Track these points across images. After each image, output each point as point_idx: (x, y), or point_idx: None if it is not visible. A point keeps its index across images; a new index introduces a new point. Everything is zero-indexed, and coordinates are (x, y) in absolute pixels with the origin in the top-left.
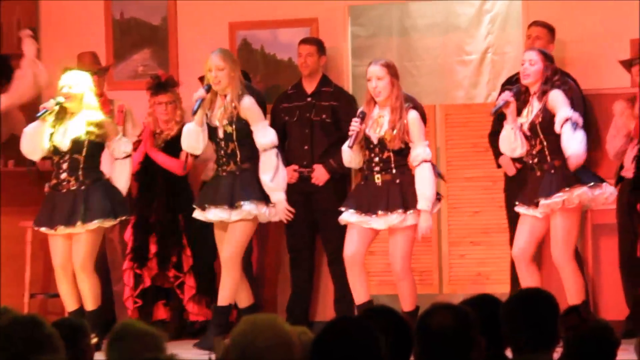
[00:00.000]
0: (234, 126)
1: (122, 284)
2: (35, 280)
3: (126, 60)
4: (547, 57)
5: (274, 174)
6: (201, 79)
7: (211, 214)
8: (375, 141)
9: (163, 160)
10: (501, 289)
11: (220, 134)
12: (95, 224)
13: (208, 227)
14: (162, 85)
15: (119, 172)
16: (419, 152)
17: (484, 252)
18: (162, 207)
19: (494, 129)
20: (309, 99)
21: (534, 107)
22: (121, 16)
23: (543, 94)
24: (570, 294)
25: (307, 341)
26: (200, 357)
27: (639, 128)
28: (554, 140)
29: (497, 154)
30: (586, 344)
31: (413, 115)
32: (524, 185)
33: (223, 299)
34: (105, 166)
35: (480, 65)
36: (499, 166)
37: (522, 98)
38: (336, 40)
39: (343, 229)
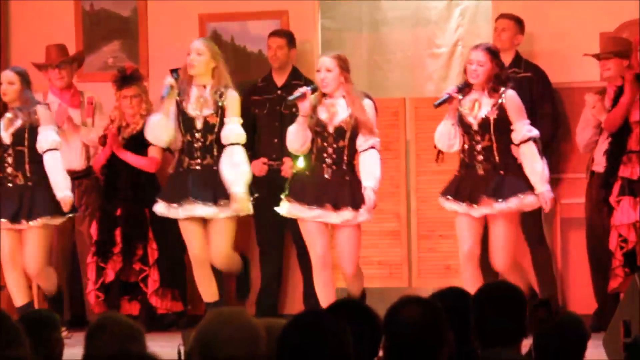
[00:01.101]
0: (218, 118)
1: (87, 277)
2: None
3: (96, 52)
4: (494, 54)
5: (237, 169)
6: (172, 71)
7: (199, 210)
8: (330, 129)
9: (132, 160)
10: None
11: (199, 125)
12: (40, 221)
13: (174, 220)
14: (128, 79)
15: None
16: (369, 138)
17: (453, 245)
18: (128, 200)
19: None
20: (279, 92)
21: (482, 102)
22: (91, 8)
23: (494, 90)
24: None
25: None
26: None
27: (609, 121)
28: (505, 140)
29: None
30: (556, 337)
31: (369, 103)
32: (457, 181)
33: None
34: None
35: (450, 58)
36: None
37: (466, 92)
38: (307, 33)
39: None
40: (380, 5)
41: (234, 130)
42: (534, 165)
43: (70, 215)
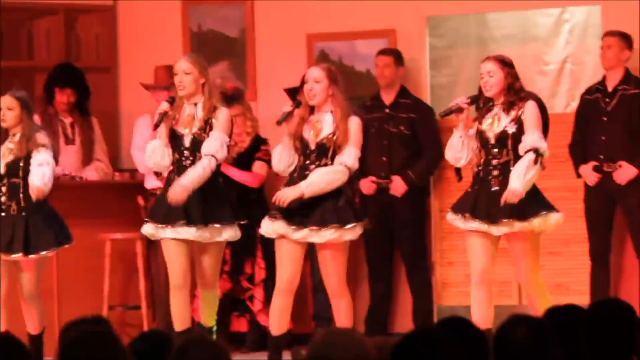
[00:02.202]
0: (207, 133)
1: (195, 295)
2: (114, 292)
3: None
4: (506, 64)
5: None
6: (288, 90)
7: (186, 233)
8: (312, 146)
9: (236, 175)
10: (581, 300)
11: (187, 142)
12: (37, 255)
13: None
14: (230, 99)
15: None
16: (349, 154)
17: (564, 262)
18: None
19: (575, 138)
20: (387, 111)
21: (500, 116)
22: (199, 28)
23: (512, 104)
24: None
25: (386, 352)
26: None
27: None
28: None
29: (578, 163)
30: None
31: (354, 121)
32: (471, 198)
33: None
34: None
35: (559, 75)
36: (578, 176)
37: (482, 105)
38: (414, 51)
39: (421, 240)
40: (488, 23)
41: (209, 142)
42: (522, 169)
43: (65, 246)
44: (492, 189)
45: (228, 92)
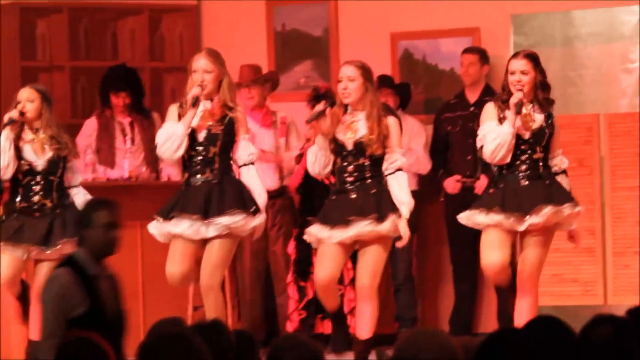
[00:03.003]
0: (223, 127)
1: (286, 296)
2: (199, 293)
3: (288, 71)
4: (537, 62)
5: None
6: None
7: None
8: (350, 147)
9: None
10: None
11: (201, 137)
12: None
13: None
14: (321, 98)
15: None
16: (396, 158)
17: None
18: None
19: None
20: (471, 109)
21: (533, 113)
22: (283, 28)
23: (545, 101)
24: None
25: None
26: None
27: None
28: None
29: None
30: None
31: (392, 121)
32: (499, 193)
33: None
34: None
35: None
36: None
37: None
38: (499, 49)
39: None
40: (573, 21)
41: (242, 151)
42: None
43: None
44: (522, 185)
45: (320, 91)
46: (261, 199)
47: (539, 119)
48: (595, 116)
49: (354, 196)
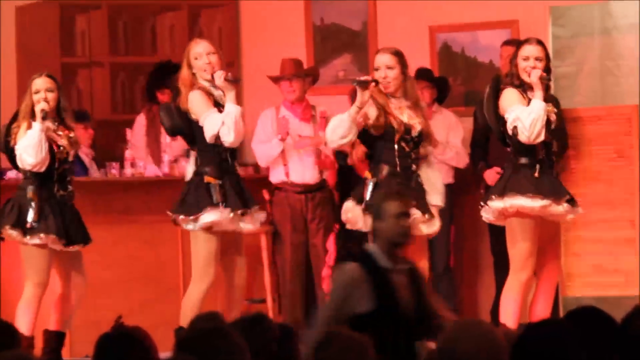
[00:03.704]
0: None
1: (322, 291)
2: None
3: (327, 65)
4: (546, 50)
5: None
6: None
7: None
8: (415, 132)
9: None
10: None
11: None
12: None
13: None
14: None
15: None
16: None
17: None
18: None
19: None
20: None
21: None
22: (321, 22)
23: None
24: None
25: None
26: None
27: None
28: None
29: None
30: None
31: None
32: (540, 179)
33: None
34: None
35: None
36: None
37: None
38: None
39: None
40: (612, 12)
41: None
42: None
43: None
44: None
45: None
46: None
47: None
48: (634, 107)
49: (413, 185)
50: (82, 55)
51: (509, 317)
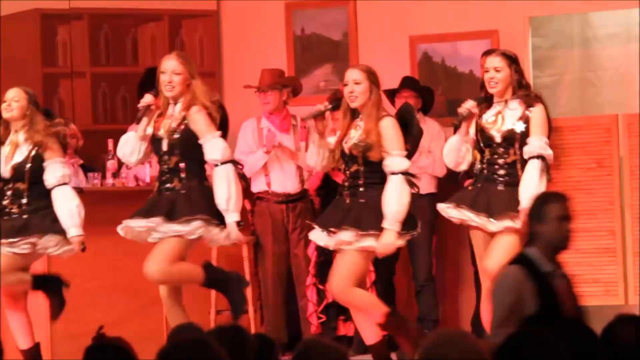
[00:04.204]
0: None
1: (306, 299)
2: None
3: (308, 75)
4: (513, 61)
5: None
6: (387, 92)
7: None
8: (346, 151)
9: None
10: None
11: (165, 146)
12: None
13: None
14: (340, 100)
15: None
16: (388, 163)
17: None
18: None
19: None
20: None
21: (505, 114)
22: (302, 32)
23: (520, 100)
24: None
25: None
26: None
27: None
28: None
29: None
30: None
31: (387, 122)
32: (472, 193)
33: None
34: None
35: None
36: None
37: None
38: (517, 51)
39: None
40: (591, 22)
41: (207, 153)
42: (529, 182)
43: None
44: (498, 188)
45: (339, 95)
46: None
47: (509, 120)
48: (614, 117)
49: (347, 201)
50: (64, 66)
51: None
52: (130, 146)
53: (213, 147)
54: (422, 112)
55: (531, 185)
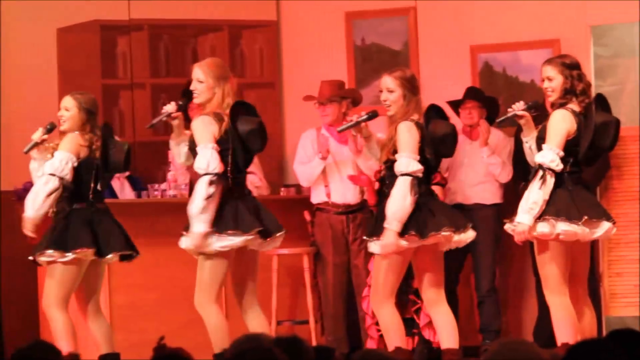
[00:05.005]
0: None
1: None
2: (282, 307)
3: (368, 86)
4: (567, 67)
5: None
6: (451, 103)
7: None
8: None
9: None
10: None
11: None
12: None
13: (448, 251)
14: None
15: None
16: (396, 164)
17: None
18: None
19: None
20: None
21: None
22: (362, 42)
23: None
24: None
25: None
26: None
27: None
28: None
29: None
30: None
31: (402, 126)
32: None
33: None
34: None
35: None
36: None
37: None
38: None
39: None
40: None
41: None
42: (528, 193)
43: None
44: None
45: None
46: None
47: None
48: None
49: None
50: (124, 77)
51: (564, 335)
52: (173, 150)
53: (197, 157)
54: (487, 122)
55: (531, 195)
